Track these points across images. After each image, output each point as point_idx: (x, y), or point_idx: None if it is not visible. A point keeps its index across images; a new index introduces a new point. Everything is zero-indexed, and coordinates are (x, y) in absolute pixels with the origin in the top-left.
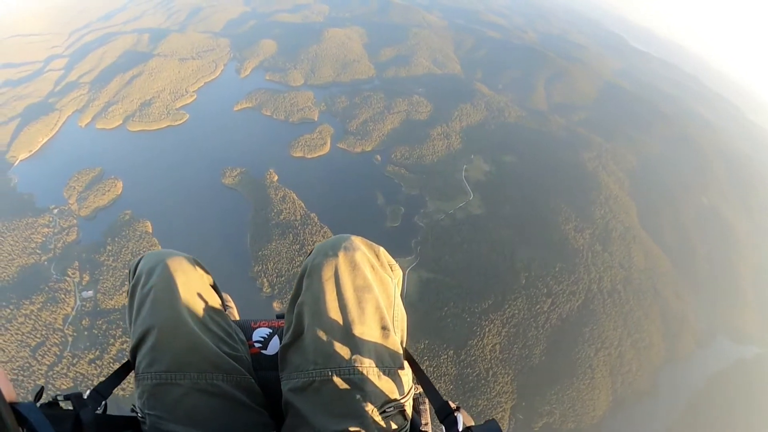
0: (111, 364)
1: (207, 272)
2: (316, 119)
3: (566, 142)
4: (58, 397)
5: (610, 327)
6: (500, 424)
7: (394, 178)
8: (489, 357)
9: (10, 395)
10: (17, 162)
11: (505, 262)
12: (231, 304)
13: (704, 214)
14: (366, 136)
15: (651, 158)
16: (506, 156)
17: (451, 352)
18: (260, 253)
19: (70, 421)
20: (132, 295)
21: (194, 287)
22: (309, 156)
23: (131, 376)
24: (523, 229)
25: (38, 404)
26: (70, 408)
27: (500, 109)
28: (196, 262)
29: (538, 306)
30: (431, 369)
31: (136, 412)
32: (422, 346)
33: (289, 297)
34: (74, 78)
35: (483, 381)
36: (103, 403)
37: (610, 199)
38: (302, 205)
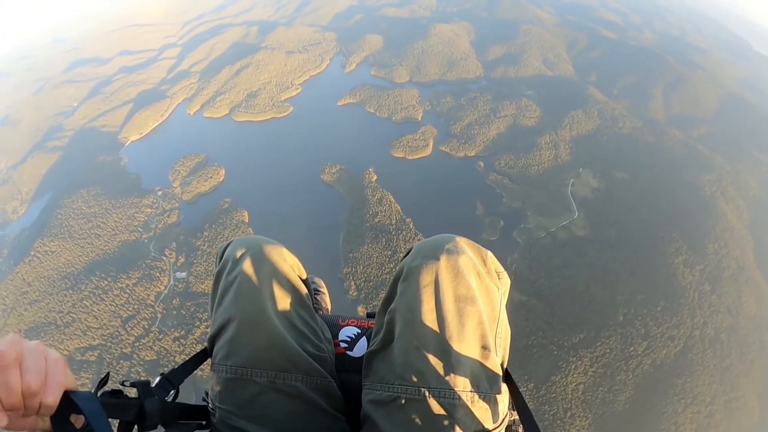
0: (194, 345)
1: (298, 263)
2: (419, 119)
3: (684, 161)
4: (125, 383)
5: (706, 381)
6: None
7: (496, 188)
8: (570, 396)
9: (69, 383)
10: (128, 142)
11: (605, 294)
12: (323, 290)
13: None
14: (470, 141)
15: None
16: (618, 172)
17: (532, 385)
18: (351, 254)
19: (134, 411)
20: (217, 280)
21: (281, 279)
22: (410, 157)
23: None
24: (628, 258)
25: (101, 392)
26: (136, 396)
27: (614, 118)
28: (286, 252)
29: (632, 348)
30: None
31: (207, 402)
32: None
33: (382, 298)
34: (186, 67)
35: (559, 421)
36: (172, 392)
37: (726, 231)
38: (399, 209)
